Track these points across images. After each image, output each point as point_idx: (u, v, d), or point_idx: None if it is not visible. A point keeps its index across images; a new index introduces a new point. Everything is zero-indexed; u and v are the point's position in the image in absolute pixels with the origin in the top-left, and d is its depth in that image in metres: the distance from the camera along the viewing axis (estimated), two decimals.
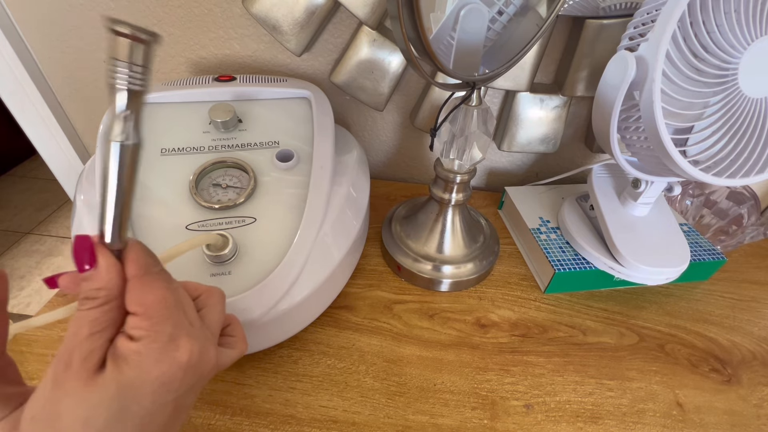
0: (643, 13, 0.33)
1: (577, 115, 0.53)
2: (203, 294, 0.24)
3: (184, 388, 0.20)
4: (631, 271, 0.40)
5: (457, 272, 0.43)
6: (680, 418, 0.34)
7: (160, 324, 0.19)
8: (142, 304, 0.19)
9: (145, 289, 0.19)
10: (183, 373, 0.19)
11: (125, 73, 0.17)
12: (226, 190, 0.36)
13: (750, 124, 0.32)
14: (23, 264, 1.29)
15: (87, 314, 0.18)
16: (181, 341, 0.19)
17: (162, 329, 0.19)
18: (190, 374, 0.20)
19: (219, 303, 0.24)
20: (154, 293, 0.19)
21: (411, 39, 0.29)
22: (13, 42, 0.53)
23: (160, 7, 0.48)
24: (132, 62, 0.17)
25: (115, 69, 0.17)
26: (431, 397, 0.34)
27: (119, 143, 0.17)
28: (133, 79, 0.17)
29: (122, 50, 0.16)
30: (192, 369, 0.20)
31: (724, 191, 0.51)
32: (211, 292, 0.24)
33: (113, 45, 0.16)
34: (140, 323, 0.19)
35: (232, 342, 0.25)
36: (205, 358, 0.21)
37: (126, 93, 0.17)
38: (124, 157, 0.18)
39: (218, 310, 0.24)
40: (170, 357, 0.19)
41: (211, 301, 0.24)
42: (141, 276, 0.19)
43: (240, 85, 0.41)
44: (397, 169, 0.62)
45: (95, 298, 0.19)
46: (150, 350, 0.18)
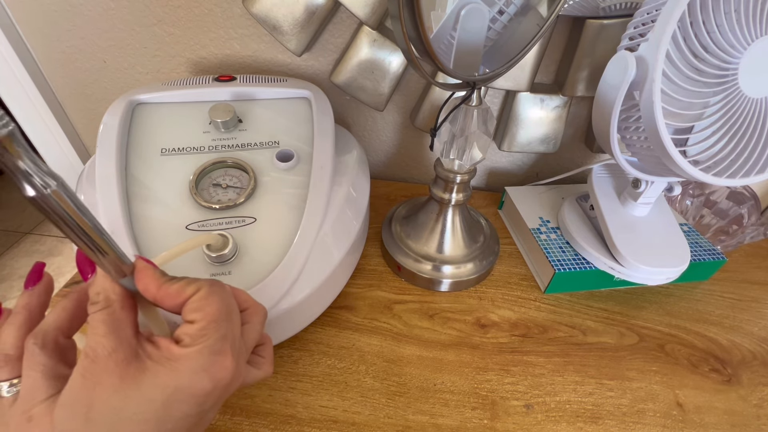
0: (643, 13, 0.33)
1: (577, 115, 0.53)
2: (250, 309, 0.24)
3: (212, 403, 0.20)
4: (631, 271, 0.40)
5: (457, 272, 0.43)
6: (680, 418, 0.34)
7: (213, 337, 0.19)
8: (201, 311, 0.20)
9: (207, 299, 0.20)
10: (220, 390, 0.20)
11: None
12: (226, 190, 0.36)
13: (750, 124, 0.32)
14: (23, 264, 1.29)
15: (95, 317, 0.19)
16: (227, 359, 0.20)
17: (214, 342, 0.19)
18: (223, 392, 0.20)
19: (261, 322, 0.24)
20: (215, 304, 0.20)
21: (411, 39, 0.29)
22: (13, 42, 0.53)
23: (160, 7, 0.48)
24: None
25: None
26: (431, 397, 0.34)
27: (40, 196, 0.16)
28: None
29: None
30: (227, 387, 0.20)
31: (724, 191, 0.51)
32: (256, 310, 0.25)
33: None
34: (194, 331, 0.19)
35: (260, 362, 0.25)
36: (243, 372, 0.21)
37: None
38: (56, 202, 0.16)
39: (258, 330, 0.24)
40: (213, 372, 0.19)
41: (254, 318, 0.24)
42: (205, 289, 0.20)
43: (240, 85, 0.41)
44: (397, 169, 0.62)
45: (96, 303, 0.20)
46: (197, 359, 0.19)
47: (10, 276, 1.26)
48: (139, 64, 0.54)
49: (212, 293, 0.20)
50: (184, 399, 0.19)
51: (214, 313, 0.20)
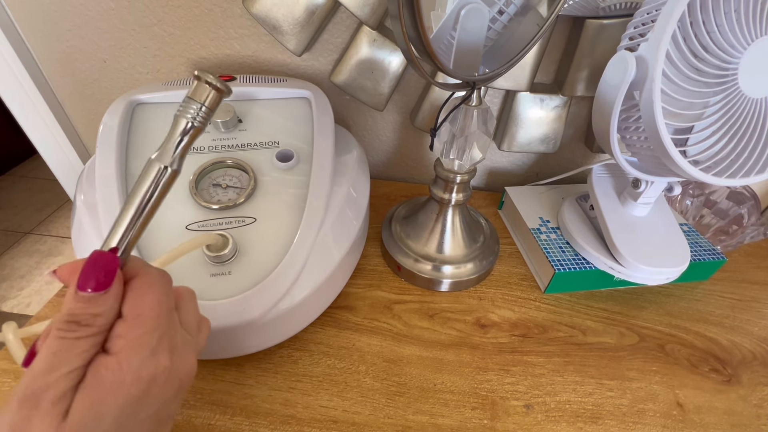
0: (643, 13, 0.33)
1: (577, 115, 0.53)
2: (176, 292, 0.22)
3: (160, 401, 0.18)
4: (631, 271, 0.40)
5: (457, 272, 0.43)
6: (680, 418, 0.34)
7: (146, 335, 0.17)
8: (136, 307, 0.18)
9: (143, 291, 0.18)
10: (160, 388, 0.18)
11: (195, 111, 0.20)
12: (226, 190, 0.36)
13: (750, 124, 0.32)
14: (23, 264, 1.29)
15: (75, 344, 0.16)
16: (162, 356, 0.18)
17: (146, 341, 0.17)
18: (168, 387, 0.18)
19: (191, 301, 0.23)
20: (149, 296, 0.18)
21: (411, 38, 0.29)
22: (13, 42, 0.53)
23: (160, 7, 0.48)
24: (203, 104, 0.20)
25: (188, 106, 0.20)
26: (431, 397, 0.34)
27: (163, 166, 0.19)
28: (199, 117, 0.20)
29: (201, 93, 0.20)
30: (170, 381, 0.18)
31: (724, 191, 0.51)
32: (180, 294, 0.22)
33: (195, 88, 0.20)
34: (126, 332, 0.17)
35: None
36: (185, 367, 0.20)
37: (188, 126, 0.20)
38: (162, 180, 0.19)
39: (192, 310, 0.22)
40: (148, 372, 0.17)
41: (181, 303, 0.22)
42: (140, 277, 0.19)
43: (240, 85, 0.41)
44: (397, 169, 0.62)
45: (89, 326, 0.16)
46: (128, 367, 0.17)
47: (10, 276, 1.26)
48: (139, 64, 0.54)
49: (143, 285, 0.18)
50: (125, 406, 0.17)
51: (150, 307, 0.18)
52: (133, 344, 0.17)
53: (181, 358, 0.19)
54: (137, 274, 0.19)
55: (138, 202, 0.19)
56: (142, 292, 0.18)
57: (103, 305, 0.17)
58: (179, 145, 0.20)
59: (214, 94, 0.20)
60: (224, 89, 0.20)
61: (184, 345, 0.20)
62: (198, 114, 0.20)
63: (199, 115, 0.20)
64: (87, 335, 0.16)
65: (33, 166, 1.71)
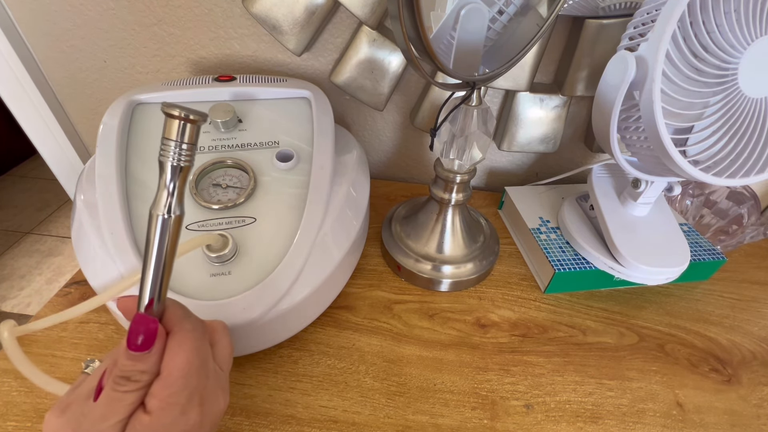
0: (643, 13, 0.33)
1: (577, 115, 0.53)
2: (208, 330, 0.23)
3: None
4: (631, 271, 0.40)
5: (457, 272, 0.43)
6: (680, 418, 0.34)
7: (175, 395, 0.19)
8: (167, 365, 0.19)
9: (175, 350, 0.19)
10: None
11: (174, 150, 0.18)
12: (226, 190, 0.36)
13: (750, 124, 0.32)
14: (23, 264, 1.30)
15: (123, 397, 0.18)
16: (192, 413, 0.19)
17: (176, 400, 0.19)
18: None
19: (225, 336, 0.24)
20: (181, 356, 0.19)
21: (411, 38, 0.29)
22: (13, 42, 0.53)
23: (160, 7, 0.48)
24: (181, 141, 0.18)
25: (167, 146, 0.18)
26: (431, 397, 0.34)
27: (163, 216, 0.19)
28: (181, 156, 0.18)
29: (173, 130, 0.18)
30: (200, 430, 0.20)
31: (724, 191, 0.51)
32: (214, 329, 0.24)
33: (166, 126, 0.18)
34: (158, 391, 0.18)
35: None
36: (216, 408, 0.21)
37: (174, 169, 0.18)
38: (167, 228, 0.19)
39: (226, 344, 0.24)
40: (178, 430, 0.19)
41: (216, 337, 0.23)
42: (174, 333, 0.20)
43: (240, 85, 0.41)
44: (397, 169, 0.62)
45: (137, 381, 0.18)
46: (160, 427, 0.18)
47: (10, 276, 1.26)
48: (139, 64, 0.54)
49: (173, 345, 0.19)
50: None
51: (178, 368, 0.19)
52: (163, 405, 0.18)
53: (212, 405, 0.21)
54: (172, 329, 0.20)
55: (154, 256, 0.19)
56: (173, 353, 0.19)
57: (148, 362, 0.19)
58: (172, 190, 0.19)
59: (189, 126, 0.18)
60: (197, 118, 0.18)
61: (215, 386, 0.21)
62: (179, 152, 0.18)
63: (182, 153, 0.18)
64: (134, 389, 0.18)
65: (33, 166, 1.71)
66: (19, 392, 0.31)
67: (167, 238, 0.19)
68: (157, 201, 0.19)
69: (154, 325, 0.19)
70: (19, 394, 0.31)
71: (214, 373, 0.21)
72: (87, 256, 0.33)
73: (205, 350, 0.21)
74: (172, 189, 0.19)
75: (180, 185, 0.19)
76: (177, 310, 0.21)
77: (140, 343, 0.18)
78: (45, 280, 1.25)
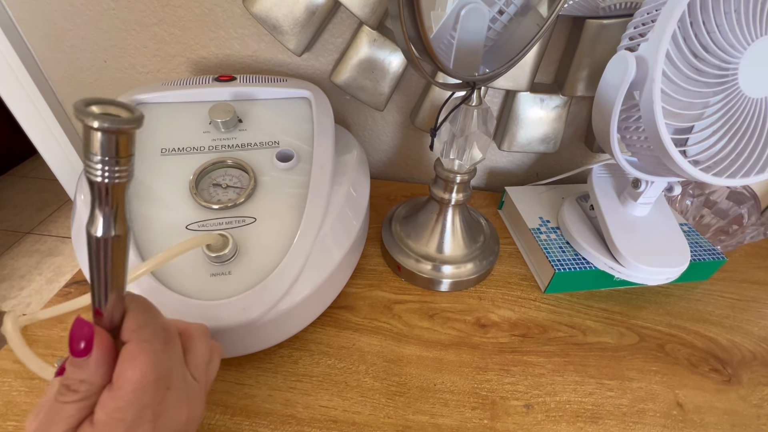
0: (643, 13, 0.33)
1: (577, 115, 0.53)
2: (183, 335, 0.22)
3: None
4: (631, 271, 0.40)
5: (457, 272, 0.43)
6: (680, 418, 0.34)
7: (122, 410, 0.17)
8: (119, 377, 0.18)
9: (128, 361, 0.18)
10: None
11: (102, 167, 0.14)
12: (226, 190, 0.36)
13: (750, 124, 0.32)
14: (23, 264, 1.30)
15: (63, 408, 0.17)
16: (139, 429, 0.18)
17: (123, 416, 0.17)
18: None
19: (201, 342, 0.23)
20: (134, 369, 0.18)
21: (412, 38, 0.29)
22: (13, 42, 0.53)
23: (161, 7, 0.48)
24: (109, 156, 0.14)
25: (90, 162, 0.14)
26: (431, 397, 0.34)
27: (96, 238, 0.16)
28: (112, 172, 0.15)
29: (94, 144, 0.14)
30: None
31: (724, 191, 0.51)
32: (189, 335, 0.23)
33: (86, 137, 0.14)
34: (106, 403, 0.17)
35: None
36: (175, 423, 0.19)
37: (102, 187, 0.15)
38: (105, 249, 0.16)
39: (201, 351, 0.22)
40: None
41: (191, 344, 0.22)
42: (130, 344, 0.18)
43: (240, 85, 0.41)
44: (397, 169, 0.62)
45: (75, 391, 0.17)
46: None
47: (10, 276, 1.26)
48: (139, 64, 0.54)
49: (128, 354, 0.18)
50: None
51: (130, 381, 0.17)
52: (108, 418, 0.17)
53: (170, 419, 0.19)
54: (130, 338, 0.18)
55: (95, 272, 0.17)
56: (125, 362, 0.18)
57: (86, 371, 0.17)
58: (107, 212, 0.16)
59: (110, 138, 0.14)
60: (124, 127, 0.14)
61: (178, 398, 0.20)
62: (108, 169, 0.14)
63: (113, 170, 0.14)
64: (73, 400, 0.17)
65: (33, 166, 1.71)
66: (19, 392, 0.31)
67: (106, 258, 0.17)
68: (92, 220, 0.16)
69: (89, 329, 0.18)
70: (19, 394, 0.31)
71: (181, 383, 0.20)
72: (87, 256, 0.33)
73: (165, 362, 0.19)
74: (106, 210, 0.16)
75: (117, 204, 0.16)
76: (137, 318, 0.19)
77: (80, 349, 0.17)
78: (45, 280, 1.25)
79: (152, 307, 0.20)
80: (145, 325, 0.19)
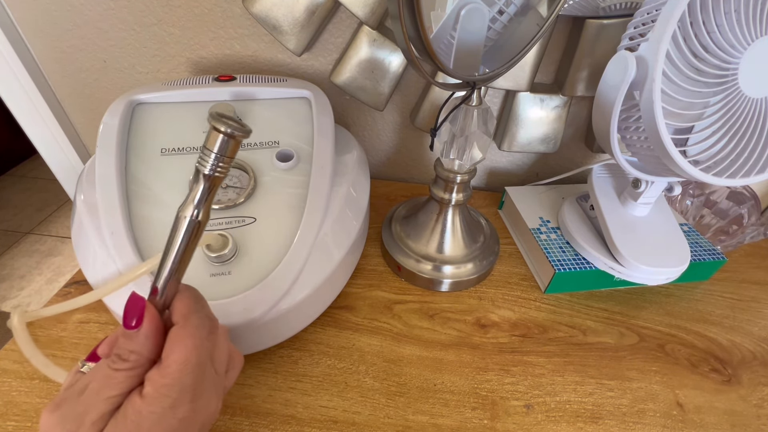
0: (643, 13, 0.33)
1: (577, 115, 0.53)
2: None
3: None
4: (632, 271, 0.40)
5: (457, 272, 0.43)
6: (680, 418, 0.34)
7: (168, 387, 0.19)
8: (167, 357, 0.19)
9: (176, 343, 0.19)
10: None
11: (213, 161, 0.19)
12: (226, 190, 0.36)
13: (750, 124, 0.32)
14: (23, 264, 1.30)
15: (114, 375, 0.19)
16: (181, 408, 0.19)
17: (168, 392, 0.18)
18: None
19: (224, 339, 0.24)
20: (180, 350, 0.19)
21: (412, 38, 0.29)
22: (13, 42, 0.53)
23: (160, 7, 0.48)
24: (221, 154, 0.19)
25: (206, 157, 0.19)
26: (431, 397, 0.34)
27: (190, 219, 0.20)
28: (218, 167, 0.19)
29: (215, 143, 0.19)
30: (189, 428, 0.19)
31: (725, 191, 0.51)
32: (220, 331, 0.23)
33: (210, 136, 0.19)
34: (154, 378, 0.19)
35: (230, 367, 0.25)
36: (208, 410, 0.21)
37: (206, 177, 0.19)
38: (190, 230, 0.20)
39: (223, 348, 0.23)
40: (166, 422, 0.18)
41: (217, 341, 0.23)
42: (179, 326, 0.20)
43: (240, 85, 0.41)
44: (397, 169, 0.62)
45: (126, 360, 0.19)
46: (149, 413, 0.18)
47: (10, 276, 1.26)
48: (139, 64, 0.54)
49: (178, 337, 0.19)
50: None
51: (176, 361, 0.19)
52: (156, 393, 0.18)
53: (205, 407, 0.20)
54: (178, 321, 0.20)
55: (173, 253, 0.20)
56: (173, 344, 0.19)
57: (136, 343, 0.19)
58: (200, 197, 0.20)
59: (231, 142, 0.19)
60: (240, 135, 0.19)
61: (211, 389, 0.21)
62: (216, 164, 0.19)
63: (219, 165, 0.19)
64: (123, 368, 0.19)
65: (33, 166, 1.71)
66: (19, 392, 0.31)
67: (185, 240, 0.20)
68: (185, 204, 0.20)
69: (142, 304, 0.19)
70: (19, 394, 0.31)
71: (212, 375, 0.21)
72: (87, 256, 0.33)
73: (206, 350, 0.20)
74: (200, 196, 0.20)
75: (210, 194, 0.20)
76: (187, 303, 0.21)
77: (133, 322, 0.19)
78: (45, 280, 1.25)
79: (201, 297, 0.22)
80: (194, 311, 0.21)
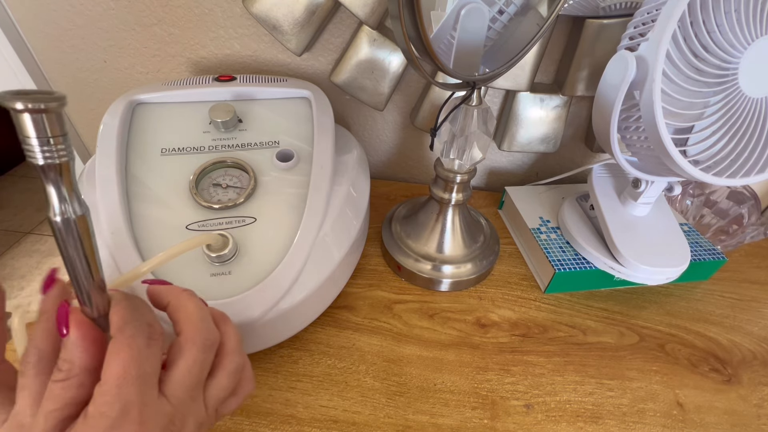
0: (643, 12, 0.33)
1: (577, 115, 0.53)
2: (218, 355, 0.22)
3: None
4: (632, 271, 0.40)
5: (457, 272, 0.43)
6: (680, 418, 0.34)
7: (107, 405, 0.17)
8: (104, 372, 0.18)
9: (111, 355, 0.18)
10: None
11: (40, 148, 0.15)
12: (226, 190, 0.36)
13: (750, 124, 0.32)
14: (24, 264, 1.30)
15: (51, 387, 0.17)
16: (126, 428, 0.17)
17: (107, 411, 0.17)
18: None
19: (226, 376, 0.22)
20: (116, 363, 0.18)
21: (412, 38, 0.29)
22: (13, 42, 0.53)
23: (160, 7, 0.48)
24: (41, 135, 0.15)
25: (29, 147, 0.15)
26: (431, 397, 0.34)
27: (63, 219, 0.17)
28: (48, 151, 0.15)
29: (27, 126, 0.15)
30: None
31: (725, 191, 0.51)
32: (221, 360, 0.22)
33: (17, 123, 0.15)
34: (96, 396, 0.17)
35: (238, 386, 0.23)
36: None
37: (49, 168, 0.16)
38: (73, 230, 0.17)
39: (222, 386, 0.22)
40: None
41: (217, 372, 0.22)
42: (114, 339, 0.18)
43: (240, 85, 0.41)
44: (397, 169, 0.62)
45: (60, 370, 0.18)
46: None
47: (10, 276, 1.26)
48: (139, 64, 0.54)
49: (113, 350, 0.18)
50: None
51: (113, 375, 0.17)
52: (96, 412, 0.17)
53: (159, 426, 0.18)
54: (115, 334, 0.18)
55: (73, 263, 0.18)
56: (109, 357, 0.18)
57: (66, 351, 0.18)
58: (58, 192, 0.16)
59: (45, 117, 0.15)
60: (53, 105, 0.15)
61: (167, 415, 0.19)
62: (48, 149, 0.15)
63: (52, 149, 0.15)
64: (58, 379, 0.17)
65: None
66: None
67: (73, 242, 0.17)
68: (48, 206, 0.16)
69: (66, 310, 0.18)
70: None
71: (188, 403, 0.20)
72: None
73: (150, 358, 0.19)
74: (55, 191, 0.16)
75: (63, 182, 0.16)
76: (122, 315, 0.19)
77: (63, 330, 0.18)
78: None
79: (141, 305, 0.20)
80: (129, 321, 0.19)
